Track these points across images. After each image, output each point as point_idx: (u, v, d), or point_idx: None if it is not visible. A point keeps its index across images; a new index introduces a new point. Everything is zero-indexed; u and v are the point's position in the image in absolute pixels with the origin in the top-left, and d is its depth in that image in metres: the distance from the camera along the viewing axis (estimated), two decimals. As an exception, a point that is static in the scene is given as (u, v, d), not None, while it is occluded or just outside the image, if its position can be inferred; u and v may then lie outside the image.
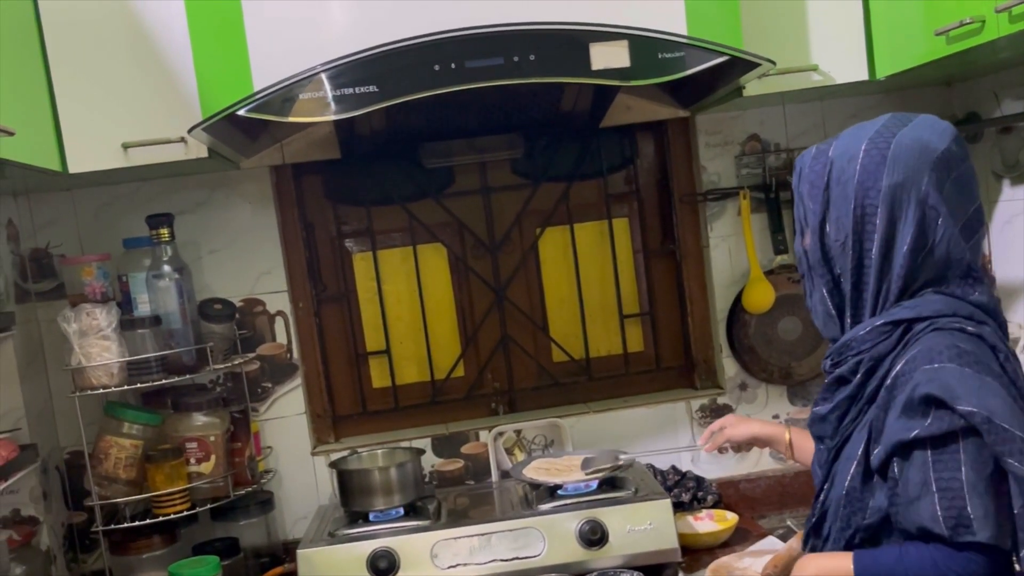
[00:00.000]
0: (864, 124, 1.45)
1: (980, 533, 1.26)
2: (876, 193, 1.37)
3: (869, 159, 1.38)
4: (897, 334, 1.36)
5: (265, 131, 2.12)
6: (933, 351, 1.31)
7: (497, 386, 2.56)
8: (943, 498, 1.28)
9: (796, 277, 2.43)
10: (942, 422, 1.28)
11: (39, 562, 2.06)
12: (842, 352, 1.42)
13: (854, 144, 1.41)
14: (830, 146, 1.45)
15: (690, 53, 1.78)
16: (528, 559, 1.98)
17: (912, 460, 1.30)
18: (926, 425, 1.28)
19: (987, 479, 1.27)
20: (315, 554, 1.99)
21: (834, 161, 1.42)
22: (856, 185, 1.39)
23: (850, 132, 1.45)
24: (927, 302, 1.37)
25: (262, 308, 2.38)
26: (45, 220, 2.28)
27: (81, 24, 1.89)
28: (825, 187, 1.42)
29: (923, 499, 1.30)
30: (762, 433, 1.84)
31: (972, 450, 1.27)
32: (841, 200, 1.40)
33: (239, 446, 2.24)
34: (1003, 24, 1.65)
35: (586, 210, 2.56)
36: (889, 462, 1.34)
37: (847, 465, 1.41)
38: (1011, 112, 2.19)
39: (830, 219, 1.41)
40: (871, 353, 1.38)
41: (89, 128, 1.91)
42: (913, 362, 1.32)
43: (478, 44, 1.73)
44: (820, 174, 1.43)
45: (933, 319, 1.35)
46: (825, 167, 1.43)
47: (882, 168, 1.37)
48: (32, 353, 2.19)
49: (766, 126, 2.44)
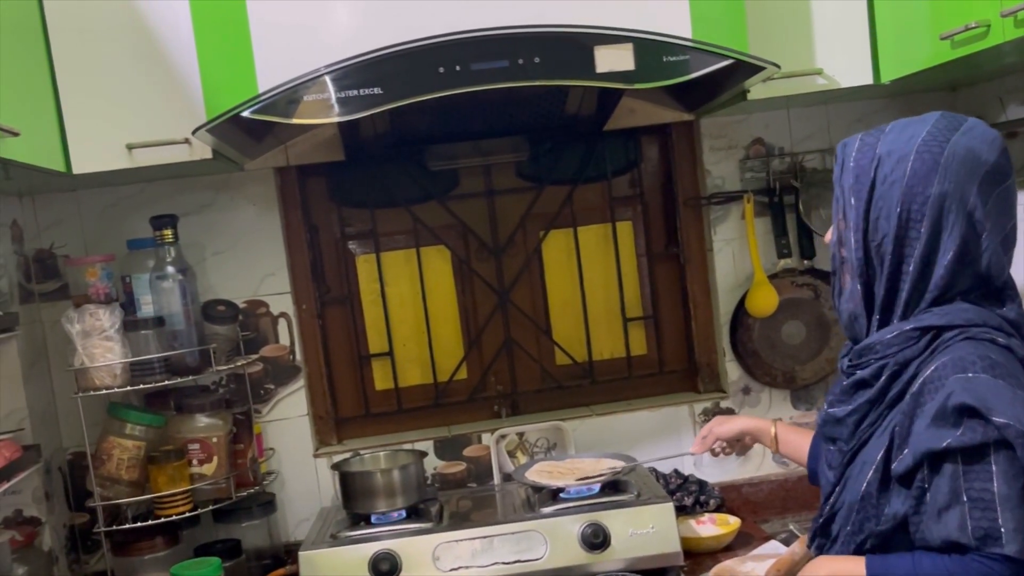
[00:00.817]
0: (913, 121, 1.40)
1: (1008, 546, 1.24)
2: (924, 200, 1.33)
3: (921, 163, 1.34)
4: (925, 340, 1.34)
5: (269, 133, 2.12)
6: (965, 360, 1.29)
7: (500, 389, 2.56)
8: (974, 509, 1.26)
9: (800, 281, 2.43)
10: (975, 433, 1.25)
11: (41, 563, 2.06)
12: (863, 355, 1.41)
13: (905, 144, 1.36)
14: (878, 140, 1.39)
15: (695, 56, 1.78)
16: (530, 562, 1.98)
17: (942, 471, 1.28)
18: (958, 435, 1.26)
19: (1019, 492, 1.25)
20: (317, 556, 1.99)
21: (882, 159, 1.37)
22: (904, 188, 1.34)
23: (899, 128, 1.40)
24: (958, 310, 1.35)
25: (265, 310, 2.38)
26: (49, 221, 2.28)
27: (86, 25, 1.89)
28: (871, 185, 1.37)
29: (952, 510, 1.27)
30: (748, 427, 1.87)
31: (1004, 463, 1.25)
32: (886, 201, 1.36)
33: (241, 448, 2.24)
34: (1008, 28, 1.65)
35: (590, 213, 2.56)
36: (916, 471, 1.31)
37: (864, 469, 1.39)
38: (1016, 117, 2.19)
39: (871, 218, 1.37)
40: (897, 358, 1.36)
41: (93, 129, 1.91)
42: (943, 369, 1.30)
43: (483, 46, 1.73)
44: (866, 170, 1.38)
45: (964, 328, 1.33)
46: (872, 163, 1.38)
47: (933, 175, 1.33)
48: (36, 354, 2.20)
49: (771, 130, 2.44)
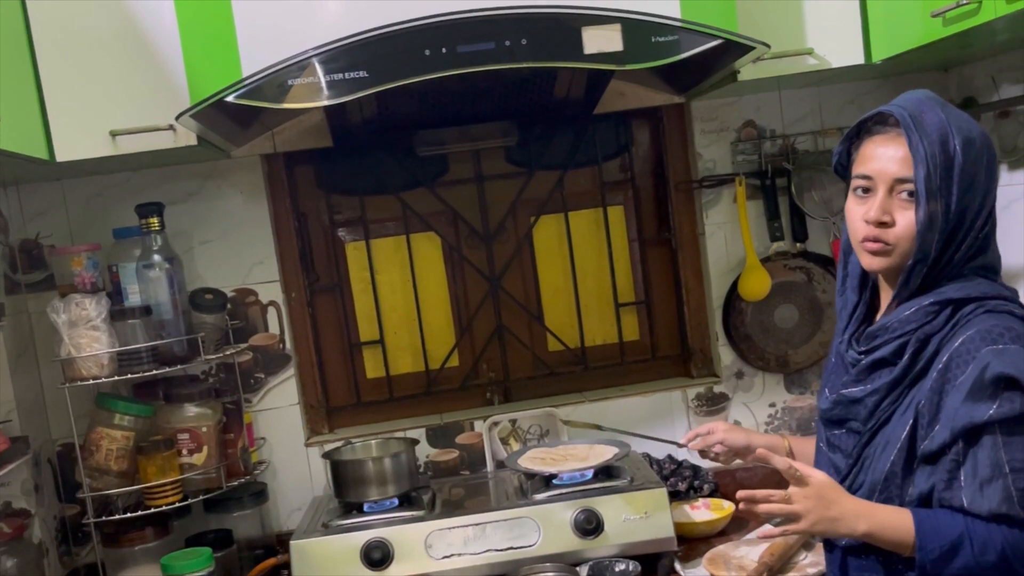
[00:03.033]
0: (945, 102, 1.40)
1: None
2: (990, 191, 1.38)
3: (986, 149, 1.37)
4: (945, 315, 1.35)
5: (256, 119, 2.10)
6: (993, 332, 1.30)
7: (492, 376, 2.54)
8: (1018, 479, 1.26)
9: (793, 264, 2.42)
10: (1013, 404, 1.26)
11: (31, 555, 2.04)
12: (878, 335, 1.41)
13: (971, 127, 1.38)
14: (943, 114, 1.37)
15: (684, 36, 1.76)
16: (523, 549, 1.97)
17: (981, 443, 1.28)
18: (996, 407, 1.27)
19: None
20: (309, 545, 1.98)
21: (956, 136, 1.35)
22: (984, 172, 1.37)
23: (949, 108, 1.39)
24: (973, 284, 1.36)
25: (254, 298, 2.36)
26: (35, 211, 2.26)
27: (67, 9, 1.87)
28: (961, 167, 1.35)
29: (994, 482, 1.28)
30: (759, 441, 1.79)
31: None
32: (971, 181, 1.35)
33: (232, 437, 2.22)
34: (1000, 5, 1.63)
35: (581, 198, 2.54)
36: (950, 446, 1.31)
37: (888, 449, 1.38)
38: (1008, 96, 2.17)
39: (958, 193, 1.35)
40: (917, 334, 1.36)
41: (76, 116, 1.88)
42: (971, 343, 1.30)
43: (469, 29, 1.71)
44: (948, 150, 1.35)
45: (981, 300, 1.34)
46: (953, 139, 1.35)
47: (995, 162, 1.39)
48: (22, 345, 2.18)
49: (762, 112, 2.42)
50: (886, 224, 1.39)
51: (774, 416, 2.48)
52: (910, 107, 1.39)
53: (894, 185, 1.38)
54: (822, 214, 2.40)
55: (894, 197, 1.39)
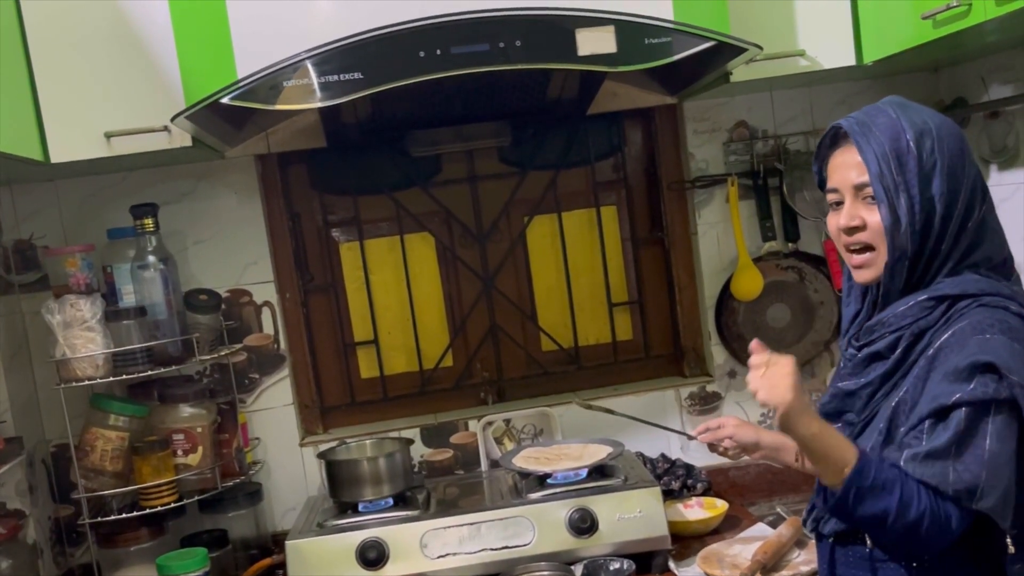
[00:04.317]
0: (907, 102, 1.42)
1: (983, 502, 1.27)
2: (966, 178, 1.37)
3: (950, 139, 1.37)
4: (941, 309, 1.36)
5: (250, 120, 2.10)
6: (983, 323, 1.32)
7: (486, 376, 2.55)
8: (960, 463, 1.28)
9: (785, 264, 2.43)
10: (987, 388, 1.28)
11: (26, 556, 2.05)
12: (875, 330, 1.42)
13: (926, 120, 1.38)
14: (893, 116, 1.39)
15: (677, 38, 1.77)
16: (518, 548, 1.97)
17: (947, 421, 1.30)
18: (969, 389, 1.28)
19: (1009, 452, 1.28)
20: (304, 545, 1.98)
21: (910, 134, 1.37)
22: (953, 165, 1.37)
23: (919, 108, 1.41)
24: (969, 280, 1.37)
25: (248, 299, 2.37)
26: (28, 211, 2.26)
27: (62, 11, 1.87)
28: (918, 166, 1.37)
29: (942, 459, 1.30)
30: (768, 440, 1.75)
31: (1002, 422, 1.28)
32: (945, 177, 1.37)
33: (226, 437, 2.22)
34: (989, 7, 1.65)
35: (574, 198, 2.55)
36: (919, 424, 1.32)
37: (872, 436, 1.40)
38: (998, 97, 2.19)
39: (935, 193, 1.37)
40: (912, 328, 1.38)
41: (71, 117, 1.89)
42: (961, 333, 1.32)
43: (463, 30, 1.71)
44: (899, 146, 1.37)
45: (977, 296, 1.35)
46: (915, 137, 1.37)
47: (967, 156, 1.38)
48: (16, 345, 2.18)
49: (754, 113, 2.44)
50: (857, 228, 1.42)
51: (767, 415, 2.49)
52: (861, 115, 1.42)
53: (856, 191, 1.41)
54: (814, 214, 2.41)
55: (860, 202, 1.42)
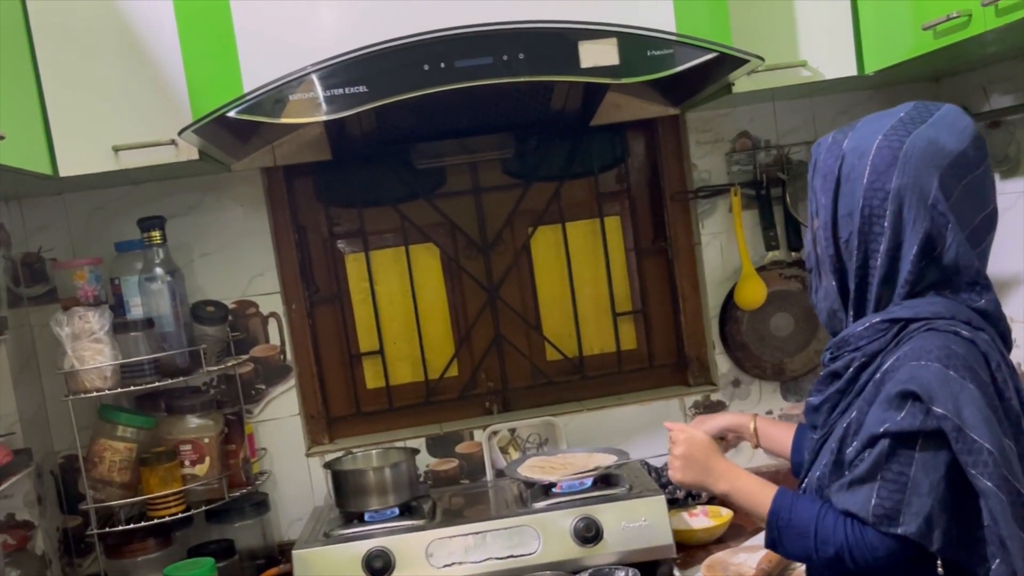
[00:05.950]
0: (883, 115, 1.41)
1: (905, 526, 1.28)
2: (884, 195, 1.34)
3: (880, 158, 1.35)
4: (892, 332, 1.36)
5: (256, 133, 2.12)
6: (923, 349, 1.30)
7: (491, 385, 2.56)
8: (883, 489, 1.29)
9: (788, 273, 2.44)
10: (914, 419, 1.27)
11: (34, 567, 2.06)
12: (840, 347, 1.43)
13: (867, 139, 1.37)
14: (846, 136, 1.41)
15: (679, 50, 1.79)
16: (523, 557, 1.98)
17: (874, 448, 1.31)
18: (898, 419, 1.29)
19: (933, 482, 1.27)
20: (311, 555, 1.99)
21: (846, 155, 1.38)
22: (865, 185, 1.35)
23: (867, 123, 1.41)
24: (927, 303, 1.36)
25: (255, 310, 2.38)
26: (37, 225, 2.28)
27: (70, 26, 1.89)
28: (836, 183, 1.39)
29: (865, 486, 1.31)
30: (728, 423, 1.85)
31: (928, 453, 1.28)
32: (850, 198, 1.37)
33: (233, 448, 2.24)
34: (990, 18, 1.66)
35: (578, 209, 2.56)
36: (860, 450, 1.34)
37: (825, 455, 1.42)
38: (999, 107, 2.20)
39: (840, 215, 1.39)
40: (865, 350, 1.38)
41: (79, 131, 1.90)
42: (903, 359, 1.32)
43: (467, 44, 1.73)
44: (832, 168, 1.40)
45: (929, 320, 1.34)
46: (837, 160, 1.39)
47: (892, 169, 1.33)
48: (25, 358, 2.19)
49: (756, 123, 2.45)
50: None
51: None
52: (839, 135, 1.44)
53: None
54: (816, 223, 2.42)
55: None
